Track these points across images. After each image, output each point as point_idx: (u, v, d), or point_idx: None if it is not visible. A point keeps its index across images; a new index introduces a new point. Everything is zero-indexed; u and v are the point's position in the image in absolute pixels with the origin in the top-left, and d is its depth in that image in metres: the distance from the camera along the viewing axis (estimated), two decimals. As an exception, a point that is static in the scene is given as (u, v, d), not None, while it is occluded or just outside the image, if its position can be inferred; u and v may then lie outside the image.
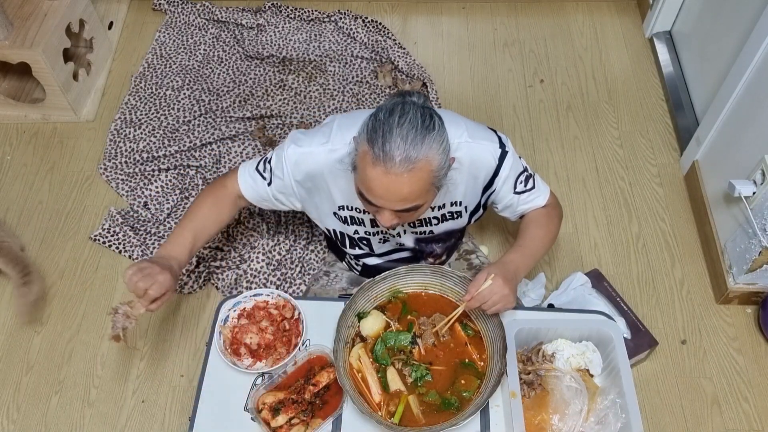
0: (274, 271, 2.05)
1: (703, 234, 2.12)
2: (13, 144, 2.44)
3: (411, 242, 1.59)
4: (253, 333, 1.49)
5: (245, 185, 1.50)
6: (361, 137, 1.23)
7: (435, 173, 1.23)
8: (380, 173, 1.20)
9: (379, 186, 1.22)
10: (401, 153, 1.17)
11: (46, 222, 2.23)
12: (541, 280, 1.98)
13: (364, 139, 1.21)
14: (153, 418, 1.85)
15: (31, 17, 2.31)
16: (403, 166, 1.18)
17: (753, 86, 1.89)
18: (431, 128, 1.20)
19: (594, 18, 2.79)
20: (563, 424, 1.35)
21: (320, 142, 1.40)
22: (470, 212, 1.53)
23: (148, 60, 2.63)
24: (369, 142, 1.20)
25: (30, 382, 1.91)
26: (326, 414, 1.37)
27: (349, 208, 1.48)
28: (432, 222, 1.52)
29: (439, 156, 1.21)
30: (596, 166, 2.34)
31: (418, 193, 1.23)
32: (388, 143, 1.18)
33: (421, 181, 1.22)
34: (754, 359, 1.92)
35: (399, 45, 2.64)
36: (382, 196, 1.23)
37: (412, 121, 1.19)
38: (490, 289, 1.33)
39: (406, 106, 1.21)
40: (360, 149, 1.23)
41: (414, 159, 1.18)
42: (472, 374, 1.39)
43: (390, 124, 1.19)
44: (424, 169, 1.20)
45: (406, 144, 1.17)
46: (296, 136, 1.43)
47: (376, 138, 1.19)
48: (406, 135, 1.18)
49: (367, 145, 1.20)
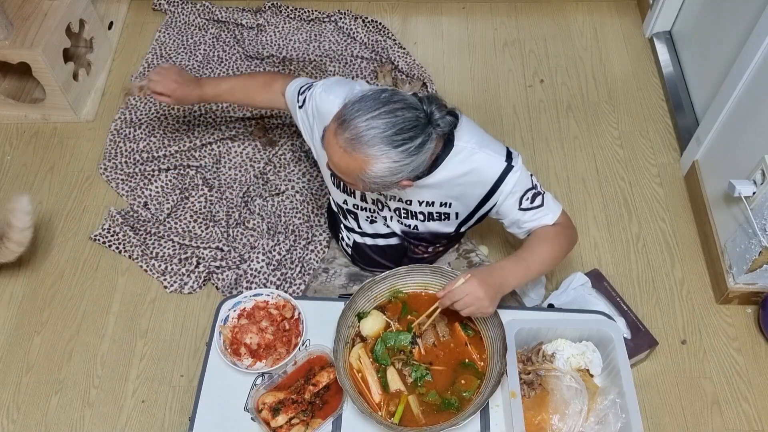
0: (274, 271, 2.05)
1: (703, 234, 2.12)
2: (13, 144, 2.44)
3: (398, 230, 1.60)
4: (253, 333, 1.49)
5: (289, 93, 1.61)
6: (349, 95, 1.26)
7: (368, 176, 1.24)
8: (332, 129, 1.24)
9: (326, 137, 1.26)
10: (351, 133, 1.20)
11: (46, 222, 2.23)
12: (541, 280, 1.98)
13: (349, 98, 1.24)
14: (153, 418, 1.85)
15: (31, 17, 2.31)
16: (345, 143, 1.21)
17: (753, 86, 1.89)
18: (398, 143, 1.20)
19: (594, 18, 2.79)
20: (563, 424, 1.35)
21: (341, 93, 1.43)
22: (461, 220, 1.52)
23: (148, 60, 2.63)
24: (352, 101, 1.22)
25: (30, 382, 1.91)
26: (326, 414, 1.37)
27: None
28: (417, 216, 1.52)
29: (381, 167, 1.21)
30: (596, 166, 2.34)
31: (345, 173, 1.27)
32: (354, 116, 1.20)
33: (351, 167, 1.24)
34: (754, 359, 1.92)
35: (399, 45, 2.64)
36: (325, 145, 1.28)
37: (390, 124, 1.19)
38: (461, 288, 1.32)
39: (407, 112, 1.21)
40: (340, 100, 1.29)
41: (355, 148, 1.20)
42: (472, 374, 1.39)
43: (374, 107, 1.20)
44: (358, 163, 1.22)
45: (363, 132, 1.19)
46: (329, 83, 1.49)
47: (357, 104, 1.21)
48: (372, 127, 1.19)
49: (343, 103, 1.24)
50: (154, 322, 2.01)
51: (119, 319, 2.02)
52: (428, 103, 1.25)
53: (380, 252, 1.67)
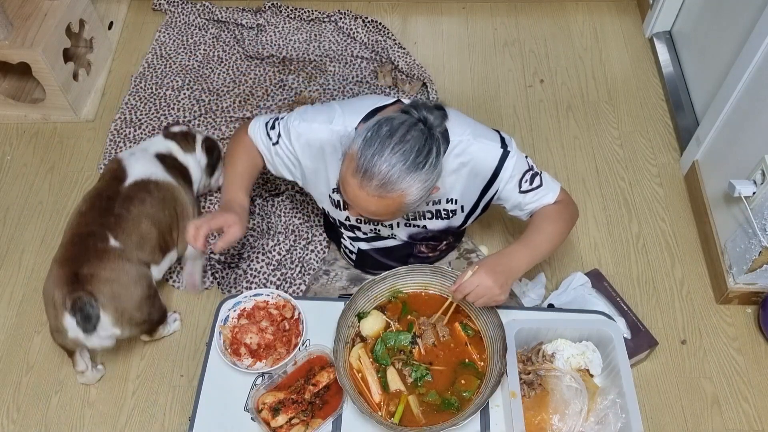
0: (274, 271, 2.05)
1: (703, 234, 2.12)
2: (13, 144, 2.44)
3: (404, 236, 1.59)
4: (253, 333, 1.49)
5: (256, 138, 1.54)
6: (358, 139, 1.23)
7: (407, 205, 1.24)
8: (355, 183, 1.22)
9: (350, 192, 1.25)
10: (379, 179, 1.19)
11: (46, 222, 2.23)
12: (541, 280, 1.98)
13: (359, 143, 1.22)
14: (153, 418, 1.85)
15: (31, 17, 2.31)
16: (377, 191, 1.20)
17: (753, 86, 1.89)
18: (421, 165, 1.20)
19: (594, 18, 2.79)
20: (563, 424, 1.35)
21: (323, 120, 1.42)
22: (467, 212, 1.53)
23: (148, 60, 2.63)
24: (359, 150, 1.21)
25: (30, 382, 1.91)
26: (326, 414, 1.37)
27: None
28: (426, 216, 1.52)
29: (417, 192, 1.22)
30: (596, 166, 2.34)
31: (384, 215, 1.27)
32: (372, 163, 1.19)
33: (389, 208, 1.24)
34: (754, 359, 1.92)
35: (399, 45, 2.64)
36: (351, 201, 1.27)
37: (407, 152, 1.19)
38: (470, 281, 1.32)
39: (410, 132, 1.21)
40: (352, 150, 1.23)
41: (389, 189, 1.20)
42: (472, 374, 1.39)
43: (384, 144, 1.19)
44: (395, 199, 1.22)
45: (388, 172, 1.19)
46: (303, 111, 1.45)
47: (367, 150, 1.20)
48: (394, 164, 1.19)
49: (357, 151, 1.21)
50: (154, 322, 2.01)
51: (119, 319, 2.02)
52: (417, 111, 1.25)
53: (386, 253, 1.66)
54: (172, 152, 1.94)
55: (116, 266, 1.67)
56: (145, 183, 1.81)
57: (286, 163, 1.51)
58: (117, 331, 1.68)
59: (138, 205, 1.77)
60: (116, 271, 1.66)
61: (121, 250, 1.69)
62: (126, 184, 1.80)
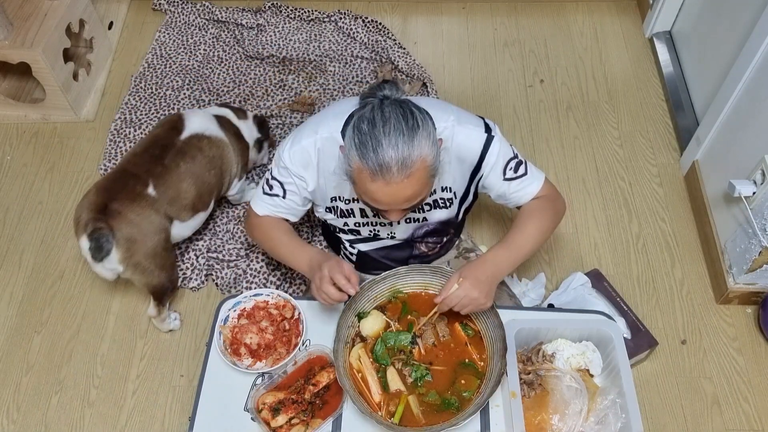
0: (274, 271, 2.05)
1: (703, 234, 2.12)
2: (13, 144, 2.44)
3: (405, 234, 1.59)
4: (253, 333, 1.49)
5: (265, 211, 1.52)
6: (351, 153, 1.23)
7: (431, 166, 1.25)
8: (381, 186, 1.22)
9: (383, 196, 1.24)
10: (397, 162, 1.19)
11: (46, 222, 2.23)
12: (541, 280, 1.98)
13: (355, 155, 1.22)
14: (153, 418, 1.85)
15: (31, 17, 2.31)
16: (402, 173, 1.20)
17: (753, 86, 1.89)
18: (416, 126, 1.21)
19: (594, 18, 2.79)
20: (563, 424, 1.35)
21: (307, 135, 1.41)
22: (460, 199, 1.53)
23: (148, 60, 2.63)
24: (361, 158, 1.21)
25: (30, 382, 1.91)
26: (326, 414, 1.37)
27: (339, 198, 1.49)
28: (424, 208, 1.52)
29: (430, 150, 1.23)
30: (596, 166, 2.34)
31: (421, 190, 1.26)
32: (380, 157, 1.19)
33: (422, 180, 1.24)
34: (754, 359, 1.92)
35: (399, 45, 2.65)
36: (389, 203, 1.27)
37: (397, 126, 1.20)
38: (456, 294, 1.34)
39: (385, 110, 1.21)
40: (354, 165, 1.23)
41: (410, 164, 1.20)
42: (472, 374, 1.39)
43: (376, 135, 1.19)
44: (421, 168, 1.22)
45: (398, 152, 1.19)
46: (284, 143, 1.45)
47: (366, 153, 1.20)
48: (396, 143, 1.19)
49: (360, 162, 1.21)
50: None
51: (119, 319, 2.02)
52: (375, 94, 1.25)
53: (386, 254, 1.66)
54: (227, 115, 2.05)
55: (143, 213, 1.75)
56: (199, 138, 1.90)
57: (301, 198, 1.50)
58: (120, 269, 1.77)
59: (188, 161, 1.86)
60: (141, 216, 1.75)
61: (154, 200, 1.78)
62: (182, 137, 1.88)
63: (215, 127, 1.96)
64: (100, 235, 1.69)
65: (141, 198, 1.76)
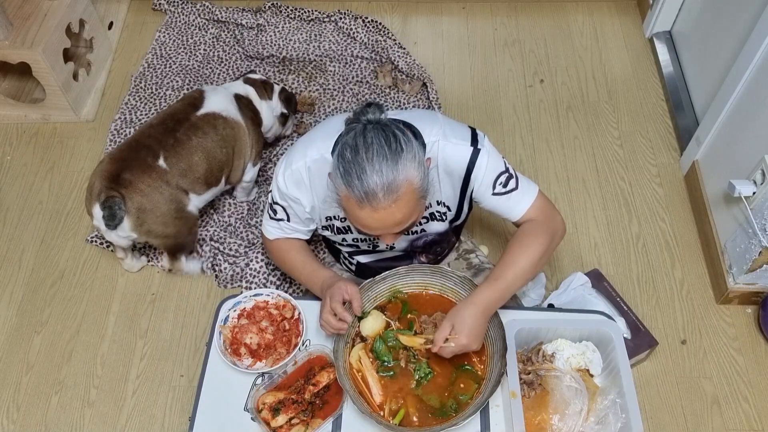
0: (274, 271, 2.05)
1: (703, 234, 2.12)
2: (13, 144, 2.44)
3: (403, 245, 1.59)
4: (253, 333, 1.49)
5: (275, 234, 1.54)
6: (337, 181, 1.23)
7: (419, 189, 1.23)
8: (369, 212, 1.21)
9: (372, 222, 1.24)
10: (382, 188, 1.18)
11: (46, 222, 2.23)
12: (541, 280, 1.98)
13: (341, 183, 1.21)
14: (153, 418, 1.85)
15: (31, 17, 2.31)
16: (389, 198, 1.19)
17: (753, 86, 1.89)
18: (399, 150, 1.20)
19: (594, 18, 2.79)
20: (563, 424, 1.35)
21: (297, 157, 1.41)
22: (455, 212, 1.52)
23: (148, 60, 2.63)
24: (347, 186, 1.21)
25: (30, 382, 1.91)
26: (326, 414, 1.37)
27: (335, 217, 1.48)
28: (420, 222, 1.52)
29: (416, 172, 1.21)
30: (596, 166, 2.34)
31: (411, 213, 1.25)
32: (365, 184, 1.18)
33: (410, 203, 1.23)
34: (754, 359, 1.92)
35: (399, 45, 2.64)
36: (379, 228, 1.26)
37: (379, 150, 1.18)
38: (451, 349, 1.33)
39: (367, 135, 1.20)
40: (341, 193, 1.23)
41: (396, 188, 1.19)
42: (470, 378, 1.39)
43: (359, 162, 1.18)
44: (408, 192, 1.21)
45: (382, 178, 1.18)
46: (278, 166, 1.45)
47: (351, 181, 1.19)
48: (380, 168, 1.18)
49: (346, 190, 1.21)
50: (154, 322, 2.01)
51: (119, 319, 2.02)
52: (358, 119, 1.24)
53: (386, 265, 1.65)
54: (249, 96, 2.07)
55: (154, 184, 1.81)
56: (215, 116, 1.94)
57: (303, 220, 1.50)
58: (134, 236, 1.84)
59: (200, 136, 1.90)
60: (152, 187, 1.81)
61: (164, 172, 1.83)
62: (198, 113, 1.93)
63: (234, 109, 1.99)
64: (113, 203, 1.75)
65: (152, 169, 1.81)
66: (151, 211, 1.81)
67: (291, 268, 1.56)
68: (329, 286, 1.41)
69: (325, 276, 1.47)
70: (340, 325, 1.37)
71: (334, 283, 1.41)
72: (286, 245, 1.55)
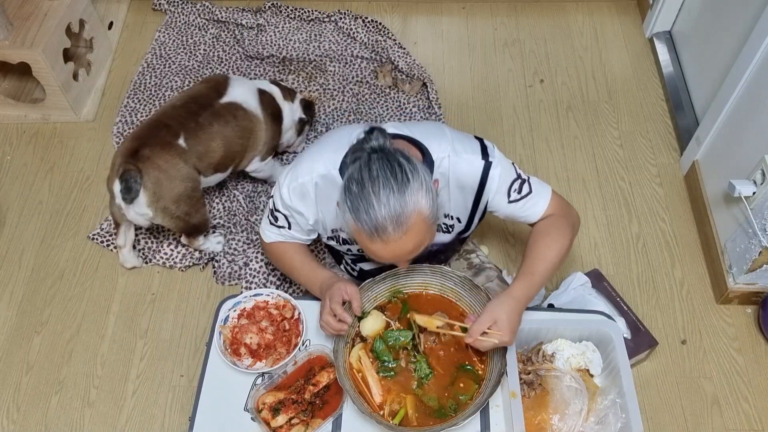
0: (274, 271, 2.06)
1: (703, 234, 2.12)
2: (13, 144, 2.44)
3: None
4: (253, 333, 1.49)
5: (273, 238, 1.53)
6: (346, 216, 1.22)
7: (429, 216, 1.22)
8: (380, 246, 1.21)
9: (384, 254, 1.24)
10: (391, 221, 1.18)
11: (46, 222, 2.23)
12: (541, 280, 1.98)
13: (350, 218, 1.21)
14: (153, 418, 1.85)
15: (31, 17, 2.31)
16: (399, 230, 1.19)
17: (753, 86, 1.89)
18: (405, 180, 1.18)
19: (594, 18, 2.79)
20: (563, 424, 1.35)
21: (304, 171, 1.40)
22: (465, 224, 1.52)
23: (147, 60, 2.63)
24: (355, 221, 1.20)
25: (30, 382, 1.91)
26: (326, 414, 1.37)
27: (341, 229, 1.48)
28: None
29: (425, 200, 1.20)
30: (596, 166, 2.34)
31: (423, 241, 1.24)
32: (373, 219, 1.18)
33: (421, 232, 1.22)
34: (754, 359, 1.92)
35: (399, 45, 2.64)
36: (391, 258, 1.26)
37: (385, 183, 1.17)
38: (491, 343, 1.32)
39: (372, 167, 1.19)
40: (350, 226, 1.23)
41: (405, 220, 1.18)
42: (471, 378, 1.39)
43: (366, 197, 1.18)
44: (417, 222, 1.20)
45: (390, 210, 1.17)
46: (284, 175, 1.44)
47: (360, 216, 1.19)
48: (387, 201, 1.17)
49: (355, 224, 1.21)
50: (154, 322, 2.01)
51: (119, 319, 2.02)
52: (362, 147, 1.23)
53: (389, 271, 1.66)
54: (273, 93, 2.11)
55: (172, 160, 1.84)
56: (236, 107, 1.97)
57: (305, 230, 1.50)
58: (150, 213, 1.86)
59: (222, 124, 1.94)
60: (170, 163, 1.84)
61: (183, 151, 1.87)
62: (221, 101, 1.96)
63: (255, 102, 2.02)
64: (129, 176, 1.78)
65: (171, 147, 1.85)
66: (167, 187, 1.84)
67: (290, 269, 1.56)
68: (329, 286, 1.41)
69: (324, 276, 1.47)
70: (340, 327, 1.37)
71: (334, 284, 1.41)
72: (284, 246, 1.54)
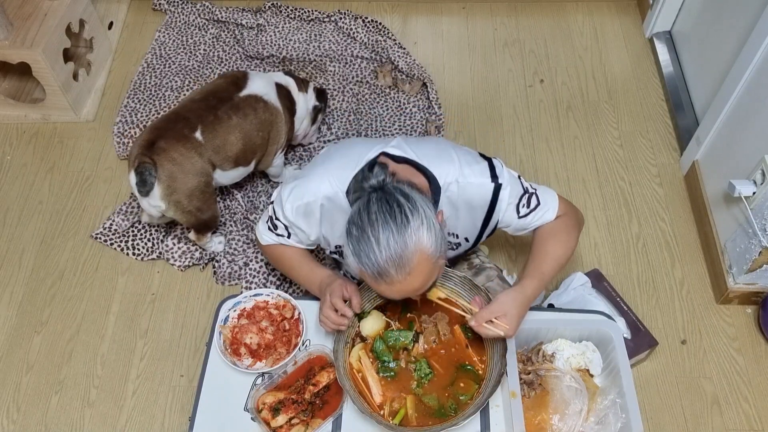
0: (274, 271, 2.06)
1: (703, 234, 2.12)
2: (13, 144, 2.44)
3: None
4: (253, 333, 1.49)
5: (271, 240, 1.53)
6: (349, 259, 1.23)
7: (432, 254, 1.21)
8: (386, 287, 1.22)
9: (391, 294, 1.25)
10: (393, 264, 1.17)
11: (46, 222, 2.23)
12: (541, 280, 1.98)
13: (353, 260, 1.21)
14: (153, 418, 1.85)
15: (31, 17, 2.31)
16: (402, 272, 1.18)
17: (753, 86, 1.89)
18: (405, 221, 1.17)
19: (594, 18, 2.79)
20: (563, 424, 1.35)
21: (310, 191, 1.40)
22: (473, 242, 1.53)
23: (147, 60, 2.63)
24: (359, 264, 1.21)
25: (30, 382, 1.91)
26: (326, 414, 1.37)
27: None
28: None
29: (427, 238, 1.19)
30: (596, 166, 2.34)
31: (428, 278, 1.24)
32: (375, 263, 1.17)
33: (425, 270, 1.21)
34: (754, 359, 1.92)
35: (399, 45, 2.64)
36: (399, 296, 1.26)
37: (384, 226, 1.16)
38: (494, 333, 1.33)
39: (371, 209, 1.18)
40: (355, 267, 1.23)
41: (407, 261, 1.18)
42: (471, 378, 1.39)
43: (366, 241, 1.17)
44: (421, 261, 1.19)
45: (392, 253, 1.16)
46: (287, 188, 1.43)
47: (363, 260, 1.19)
48: (387, 245, 1.16)
49: (359, 267, 1.21)
50: (154, 322, 2.01)
51: (119, 319, 2.02)
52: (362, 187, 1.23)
53: None
54: (288, 86, 2.12)
55: (187, 154, 1.84)
56: (256, 99, 1.98)
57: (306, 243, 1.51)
58: (162, 206, 1.86)
59: (240, 117, 1.94)
60: (184, 156, 1.84)
61: (199, 144, 1.87)
62: (241, 94, 1.97)
63: (274, 94, 2.03)
64: (144, 168, 1.79)
65: (187, 140, 1.85)
66: (181, 180, 1.84)
67: (288, 268, 1.56)
68: (328, 284, 1.41)
69: (323, 275, 1.47)
70: (340, 320, 1.37)
71: (334, 281, 1.41)
72: (282, 248, 1.55)
